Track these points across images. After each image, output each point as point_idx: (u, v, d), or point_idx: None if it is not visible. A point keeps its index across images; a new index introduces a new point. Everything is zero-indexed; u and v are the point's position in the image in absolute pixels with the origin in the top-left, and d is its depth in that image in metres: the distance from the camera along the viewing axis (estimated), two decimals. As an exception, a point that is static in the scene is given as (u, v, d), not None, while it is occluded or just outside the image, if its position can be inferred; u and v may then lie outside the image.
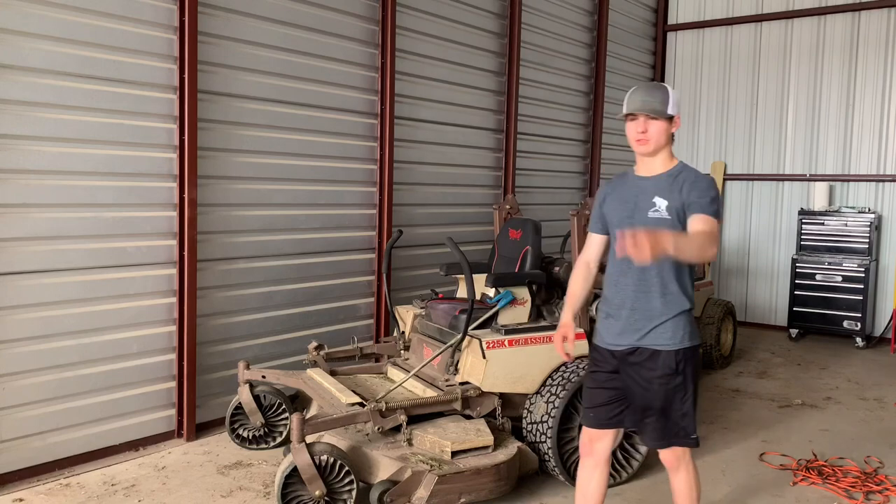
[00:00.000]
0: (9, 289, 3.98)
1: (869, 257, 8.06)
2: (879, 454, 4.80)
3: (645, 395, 2.96)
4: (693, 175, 2.94)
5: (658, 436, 3.02)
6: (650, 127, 2.92)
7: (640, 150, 2.97)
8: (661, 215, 2.88)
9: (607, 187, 3.16)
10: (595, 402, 3.11)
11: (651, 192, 2.93)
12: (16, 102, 3.94)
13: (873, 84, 8.41)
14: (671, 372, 2.91)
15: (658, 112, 2.90)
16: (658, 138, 2.93)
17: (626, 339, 2.96)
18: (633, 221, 2.91)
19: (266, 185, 5.21)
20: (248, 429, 4.59)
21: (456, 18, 6.67)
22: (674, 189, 2.89)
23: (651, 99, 2.92)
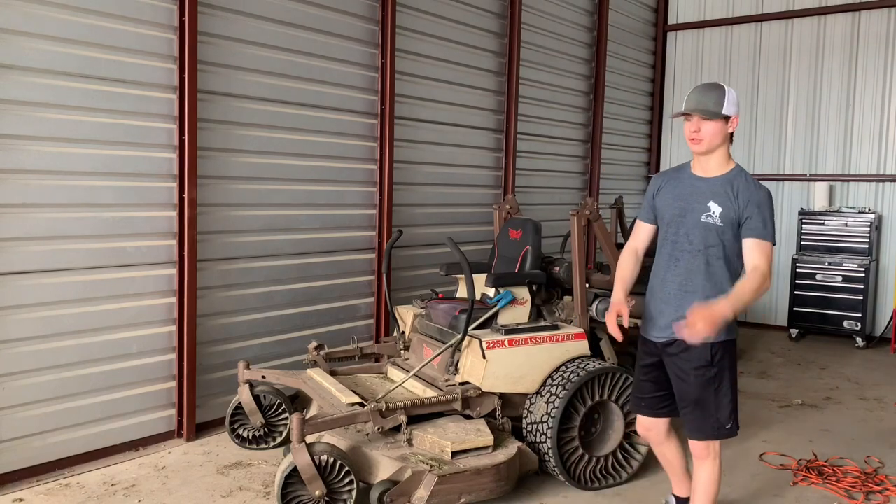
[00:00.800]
0: (9, 289, 3.98)
1: (869, 257, 8.06)
2: (879, 454, 4.80)
3: (682, 385, 3.08)
4: (751, 186, 2.98)
5: (694, 427, 3.11)
6: (703, 127, 2.97)
7: (695, 149, 3.04)
8: (714, 221, 2.97)
9: (661, 179, 3.23)
10: (643, 392, 3.30)
11: (706, 195, 3.00)
12: (16, 102, 3.94)
13: (873, 84, 8.41)
14: (706, 364, 3.01)
15: (711, 112, 2.95)
16: (712, 139, 2.99)
17: (668, 331, 3.06)
18: (685, 220, 3.04)
19: (266, 185, 5.21)
20: (248, 429, 4.59)
21: (456, 18, 6.67)
22: (729, 196, 2.96)
23: (705, 99, 2.97)
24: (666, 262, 3.10)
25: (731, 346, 3.10)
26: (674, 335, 3.00)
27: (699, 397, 3.04)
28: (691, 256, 3.03)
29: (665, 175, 3.24)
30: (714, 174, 3.05)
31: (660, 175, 3.27)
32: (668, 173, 3.24)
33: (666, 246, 3.13)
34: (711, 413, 3.05)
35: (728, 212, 2.95)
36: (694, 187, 3.06)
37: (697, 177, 3.09)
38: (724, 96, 2.97)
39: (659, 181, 3.23)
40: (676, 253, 3.07)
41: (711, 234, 2.98)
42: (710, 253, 3.00)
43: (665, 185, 3.18)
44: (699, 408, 3.06)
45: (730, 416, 3.08)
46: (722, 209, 2.96)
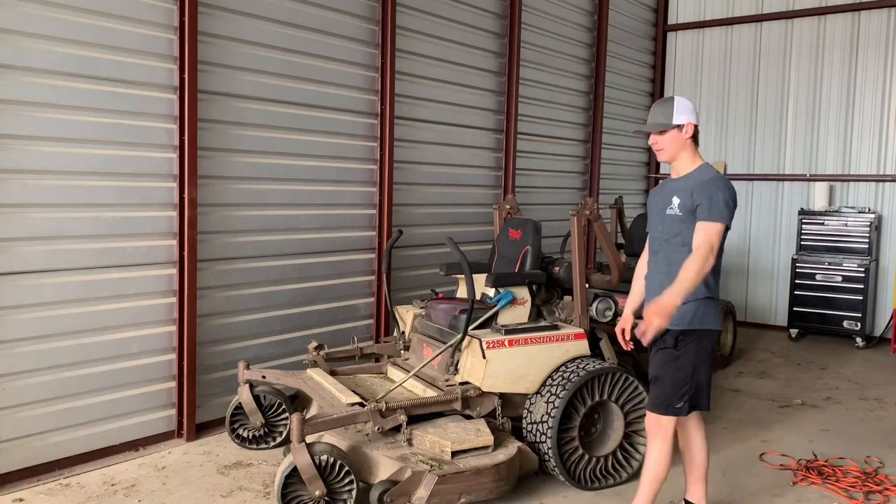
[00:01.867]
0: (9, 289, 3.98)
1: (869, 257, 8.06)
2: (879, 454, 4.80)
3: (651, 359, 3.40)
4: (705, 175, 3.30)
5: (650, 400, 3.41)
6: (660, 139, 3.37)
7: (660, 158, 3.46)
8: (675, 212, 3.31)
9: (653, 191, 3.67)
10: None
11: (673, 192, 3.36)
12: (16, 102, 3.94)
13: (873, 84, 8.41)
14: (670, 346, 3.29)
15: (661, 125, 3.34)
16: (670, 147, 3.37)
17: None
18: (662, 218, 3.40)
19: (266, 185, 5.21)
20: (248, 429, 4.59)
21: (456, 18, 6.67)
22: (686, 189, 3.29)
23: (655, 114, 3.39)
24: (652, 258, 3.49)
25: (701, 336, 3.31)
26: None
27: (657, 373, 3.34)
28: (667, 247, 3.36)
29: (657, 186, 3.62)
30: (682, 174, 3.40)
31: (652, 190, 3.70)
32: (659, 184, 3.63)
33: (653, 242, 3.49)
34: (666, 390, 3.30)
35: (685, 202, 3.26)
36: (669, 188, 3.43)
37: (672, 179, 3.46)
38: (673, 107, 3.33)
39: (651, 194, 3.63)
40: (655, 246, 3.44)
41: (675, 224, 3.31)
42: (674, 242, 3.31)
43: (653, 196, 3.58)
44: (656, 382, 3.35)
45: (681, 397, 3.29)
46: (680, 201, 3.28)
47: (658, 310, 3.02)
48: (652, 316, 3.02)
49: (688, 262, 3.12)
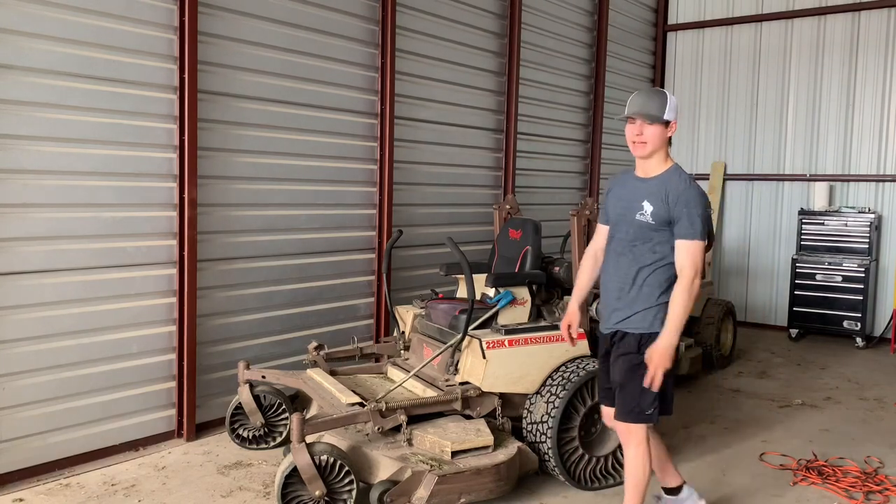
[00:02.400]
0: (9, 289, 3.98)
1: (869, 257, 8.06)
2: (879, 454, 4.80)
3: (613, 370, 3.30)
4: (682, 185, 3.14)
5: (618, 409, 3.28)
6: (646, 130, 3.15)
7: (637, 152, 3.22)
8: (647, 220, 3.16)
9: (613, 181, 3.44)
10: (604, 383, 3.47)
11: (642, 195, 3.19)
12: (16, 102, 3.94)
13: (873, 84, 8.41)
14: (633, 351, 3.20)
15: (654, 117, 3.13)
16: (653, 142, 3.16)
17: (612, 322, 3.31)
18: (626, 219, 3.24)
19: (266, 185, 5.21)
20: (248, 429, 4.59)
21: (456, 18, 6.67)
22: (660, 195, 3.14)
23: (649, 104, 3.14)
24: (612, 259, 3.31)
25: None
26: (616, 326, 3.28)
27: (623, 381, 3.24)
28: (631, 253, 3.22)
29: (615, 179, 3.43)
30: (652, 175, 3.23)
31: (612, 179, 3.46)
32: (618, 177, 3.42)
33: (612, 244, 3.33)
34: (634, 398, 3.20)
35: (659, 210, 3.12)
36: (634, 188, 3.26)
37: (639, 178, 3.28)
38: (666, 102, 3.15)
39: (610, 183, 3.44)
40: (619, 249, 3.27)
41: (644, 231, 3.17)
42: (644, 249, 3.18)
43: (613, 188, 3.40)
44: (623, 391, 3.25)
45: (651, 403, 3.21)
46: (654, 208, 3.14)
47: (661, 355, 3.03)
48: (658, 363, 3.02)
49: (676, 292, 3.08)
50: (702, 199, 3.16)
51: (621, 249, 3.27)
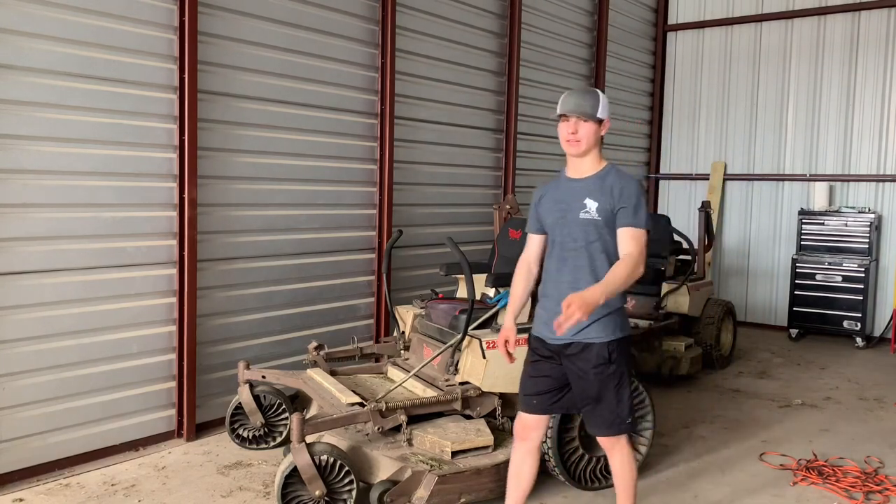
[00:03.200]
0: (9, 289, 3.98)
1: (869, 257, 8.06)
2: (879, 454, 4.80)
3: (582, 384, 3.12)
4: (623, 179, 3.12)
5: (598, 423, 3.17)
6: (581, 129, 3.11)
7: (571, 150, 3.16)
8: (592, 216, 3.06)
9: (543, 189, 3.32)
10: (536, 390, 3.24)
11: (582, 194, 3.11)
12: (16, 102, 3.94)
13: (873, 84, 8.41)
14: (605, 362, 3.06)
15: (588, 115, 3.09)
16: (588, 140, 3.13)
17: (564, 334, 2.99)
18: (567, 220, 3.12)
19: (266, 185, 5.21)
20: (248, 429, 4.59)
21: (456, 18, 6.67)
22: (604, 191, 3.08)
23: (583, 102, 3.11)
24: (556, 264, 3.17)
25: (625, 343, 3.15)
26: (570, 338, 3.06)
27: (599, 394, 3.10)
28: (577, 254, 3.10)
29: (545, 185, 3.34)
30: (588, 174, 3.17)
31: (540, 187, 3.35)
32: (548, 184, 3.34)
33: (554, 249, 3.18)
34: (613, 409, 3.11)
35: (604, 205, 3.05)
36: (571, 189, 3.17)
37: (573, 179, 3.21)
38: (599, 101, 3.12)
39: (540, 192, 3.32)
40: (564, 254, 3.13)
41: (591, 229, 3.07)
42: (592, 248, 3.08)
43: (546, 194, 3.27)
44: (601, 405, 3.12)
45: (630, 410, 3.16)
46: (598, 204, 3.06)
47: (582, 304, 2.74)
48: (575, 309, 2.72)
49: (620, 266, 2.96)
50: (641, 192, 3.12)
51: (568, 254, 3.12)
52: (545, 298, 3.22)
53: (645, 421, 4.30)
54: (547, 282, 3.23)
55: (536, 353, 3.25)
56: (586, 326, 3.03)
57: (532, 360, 3.27)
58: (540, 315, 3.24)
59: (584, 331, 3.04)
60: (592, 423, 3.20)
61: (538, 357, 3.23)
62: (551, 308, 3.10)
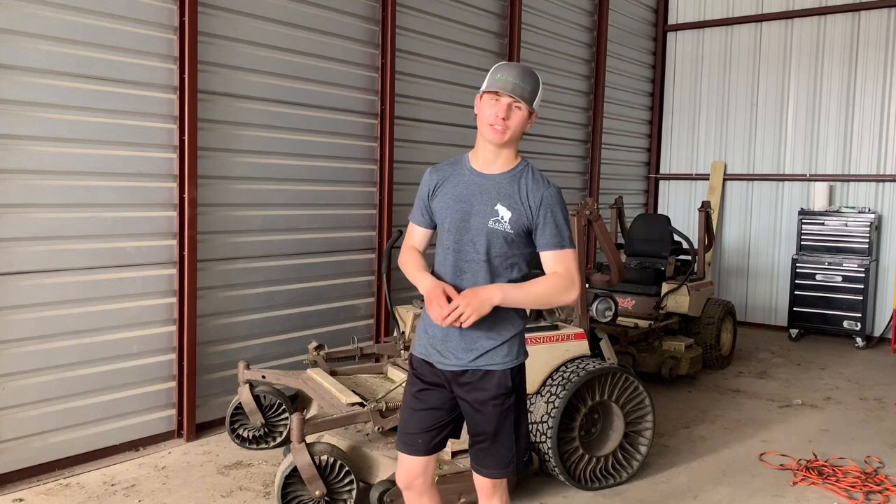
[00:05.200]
0: (9, 289, 3.98)
1: (869, 257, 8.06)
2: (879, 454, 4.80)
3: (477, 417, 2.59)
4: (541, 185, 2.57)
5: (491, 463, 2.62)
6: (514, 113, 2.51)
7: (494, 138, 2.52)
8: (503, 229, 2.52)
9: (436, 175, 2.67)
10: (423, 427, 2.64)
11: (492, 196, 2.54)
12: (16, 102, 3.94)
13: (873, 84, 8.42)
14: (506, 392, 2.57)
15: (527, 101, 2.50)
16: (517, 130, 2.54)
17: (458, 359, 2.55)
18: (469, 226, 2.54)
19: (266, 185, 5.21)
20: (248, 429, 4.59)
21: (456, 18, 6.67)
22: (519, 197, 2.54)
23: (524, 84, 2.49)
24: (451, 275, 2.57)
25: (523, 368, 2.68)
26: (467, 365, 2.54)
27: (497, 429, 2.58)
28: (478, 267, 2.54)
29: (440, 171, 2.68)
30: (500, 170, 2.58)
31: (434, 171, 2.69)
32: (443, 169, 2.68)
33: (449, 256, 2.58)
34: (510, 446, 2.61)
35: (519, 217, 2.52)
36: (477, 186, 2.58)
37: (480, 173, 2.60)
38: (539, 87, 2.55)
39: (433, 178, 2.66)
40: (462, 264, 2.55)
41: (500, 241, 2.53)
42: (498, 263, 2.55)
43: (443, 184, 2.63)
44: (497, 442, 2.59)
45: (527, 447, 2.69)
46: (511, 214, 2.52)
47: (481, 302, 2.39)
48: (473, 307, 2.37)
49: (547, 280, 2.52)
50: (563, 201, 2.62)
51: (466, 264, 2.55)
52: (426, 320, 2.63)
53: (645, 421, 4.31)
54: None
55: (422, 381, 2.64)
56: (487, 351, 2.53)
57: (416, 390, 2.65)
58: (426, 334, 2.63)
59: (485, 356, 2.53)
60: (485, 463, 2.63)
61: (425, 385, 2.63)
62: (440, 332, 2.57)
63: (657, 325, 6.46)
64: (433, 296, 2.45)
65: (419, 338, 2.67)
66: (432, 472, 2.75)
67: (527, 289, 2.51)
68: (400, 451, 2.70)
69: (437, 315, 2.43)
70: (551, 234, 2.55)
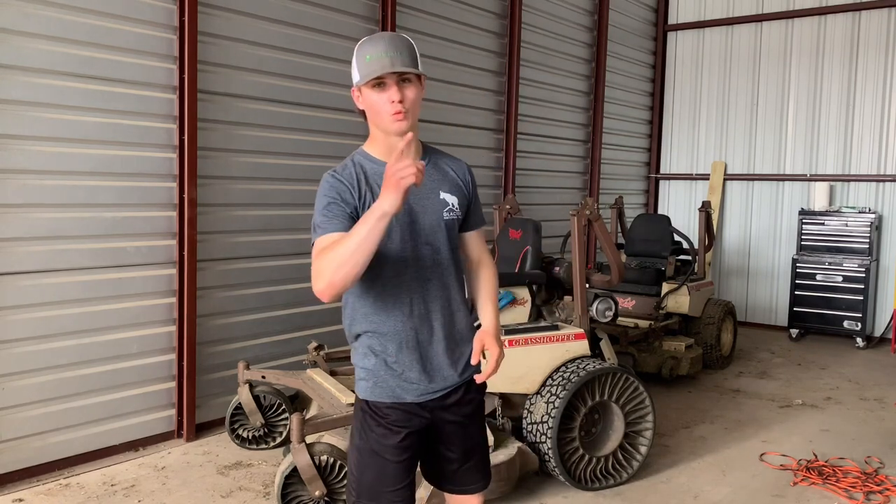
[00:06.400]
0: (9, 289, 3.98)
1: (869, 257, 8.06)
2: (880, 454, 4.80)
3: (467, 432, 2.35)
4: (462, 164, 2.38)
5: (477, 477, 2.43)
6: (409, 92, 2.15)
7: (399, 127, 2.13)
8: (456, 216, 2.28)
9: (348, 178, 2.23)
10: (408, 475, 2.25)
11: (434, 185, 2.25)
12: (16, 102, 3.94)
13: (874, 84, 8.41)
14: (482, 395, 2.41)
15: (412, 67, 2.16)
16: (417, 108, 2.19)
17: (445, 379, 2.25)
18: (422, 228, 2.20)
19: (266, 185, 5.20)
20: (248, 429, 4.59)
21: (456, 18, 6.67)
22: (450, 181, 2.29)
23: (401, 55, 2.13)
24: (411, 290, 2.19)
25: None
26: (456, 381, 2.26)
27: (483, 437, 2.45)
28: (441, 271, 2.24)
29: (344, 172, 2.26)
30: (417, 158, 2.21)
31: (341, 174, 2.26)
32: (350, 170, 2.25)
33: (406, 270, 2.18)
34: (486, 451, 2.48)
35: (461, 198, 2.30)
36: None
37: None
38: (416, 49, 2.21)
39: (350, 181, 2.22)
40: (424, 273, 2.20)
41: (453, 232, 2.28)
42: (455, 257, 2.30)
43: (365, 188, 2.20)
44: (483, 451, 2.45)
45: None
46: (457, 198, 2.28)
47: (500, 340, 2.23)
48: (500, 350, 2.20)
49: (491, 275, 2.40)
50: None
51: (431, 272, 2.21)
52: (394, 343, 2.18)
53: (645, 421, 4.31)
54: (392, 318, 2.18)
55: (399, 426, 2.20)
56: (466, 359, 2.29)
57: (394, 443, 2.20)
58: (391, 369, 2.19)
59: (468, 364, 2.29)
60: (474, 479, 2.41)
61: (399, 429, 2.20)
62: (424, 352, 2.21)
63: (657, 326, 6.46)
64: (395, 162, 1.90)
65: (376, 379, 2.20)
66: None
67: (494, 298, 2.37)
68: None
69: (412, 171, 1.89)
70: (477, 213, 2.39)
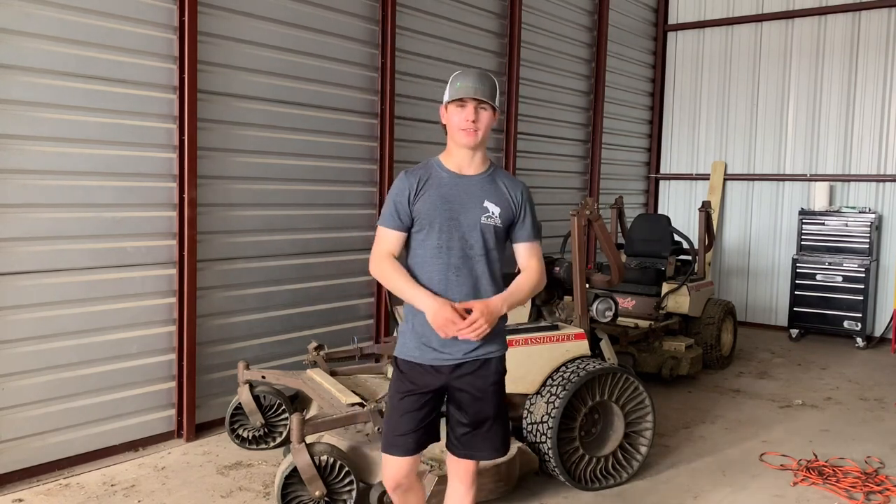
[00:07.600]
0: (9, 289, 3.98)
1: (869, 257, 8.06)
2: (880, 454, 4.80)
3: (478, 405, 2.75)
4: (517, 183, 2.84)
5: (487, 446, 2.80)
6: (483, 115, 2.72)
7: (468, 141, 2.72)
8: (495, 222, 2.73)
9: (414, 178, 2.74)
10: (412, 427, 2.74)
11: (478, 195, 2.74)
12: (16, 102, 3.94)
13: (874, 84, 8.41)
14: (501, 378, 2.81)
15: (489, 99, 2.71)
16: (486, 130, 2.76)
17: (458, 350, 2.70)
18: (460, 225, 2.70)
19: (266, 185, 5.20)
20: (248, 429, 4.59)
21: (456, 18, 6.67)
22: (500, 195, 2.77)
23: (484, 87, 2.70)
24: (444, 273, 2.69)
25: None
26: (468, 356, 2.70)
27: (498, 411, 2.80)
28: (474, 263, 2.73)
29: (417, 174, 2.77)
30: (476, 171, 2.79)
31: (411, 174, 2.77)
32: (419, 171, 2.78)
33: (441, 255, 2.70)
34: (504, 425, 2.84)
35: (506, 212, 2.75)
36: (460, 187, 2.74)
37: (461, 175, 2.77)
38: (497, 87, 2.77)
39: (413, 181, 2.74)
40: (455, 261, 2.70)
41: (491, 236, 2.73)
42: (491, 257, 2.75)
43: (424, 186, 2.73)
44: (497, 422, 2.80)
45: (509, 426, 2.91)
46: (500, 209, 2.74)
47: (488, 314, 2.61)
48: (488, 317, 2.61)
49: (525, 277, 2.78)
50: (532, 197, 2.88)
51: (461, 260, 2.70)
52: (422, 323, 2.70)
53: (645, 421, 4.31)
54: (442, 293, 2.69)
55: (411, 383, 2.74)
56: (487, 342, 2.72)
57: (405, 392, 2.74)
58: (416, 333, 2.73)
59: (485, 346, 2.72)
60: (480, 447, 2.79)
61: (414, 386, 2.73)
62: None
63: (657, 326, 6.46)
64: (444, 315, 2.59)
65: (405, 339, 2.78)
66: (417, 467, 2.87)
67: (518, 289, 2.75)
68: (389, 453, 2.79)
69: (451, 331, 2.59)
70: (529, 227, 2.82)
